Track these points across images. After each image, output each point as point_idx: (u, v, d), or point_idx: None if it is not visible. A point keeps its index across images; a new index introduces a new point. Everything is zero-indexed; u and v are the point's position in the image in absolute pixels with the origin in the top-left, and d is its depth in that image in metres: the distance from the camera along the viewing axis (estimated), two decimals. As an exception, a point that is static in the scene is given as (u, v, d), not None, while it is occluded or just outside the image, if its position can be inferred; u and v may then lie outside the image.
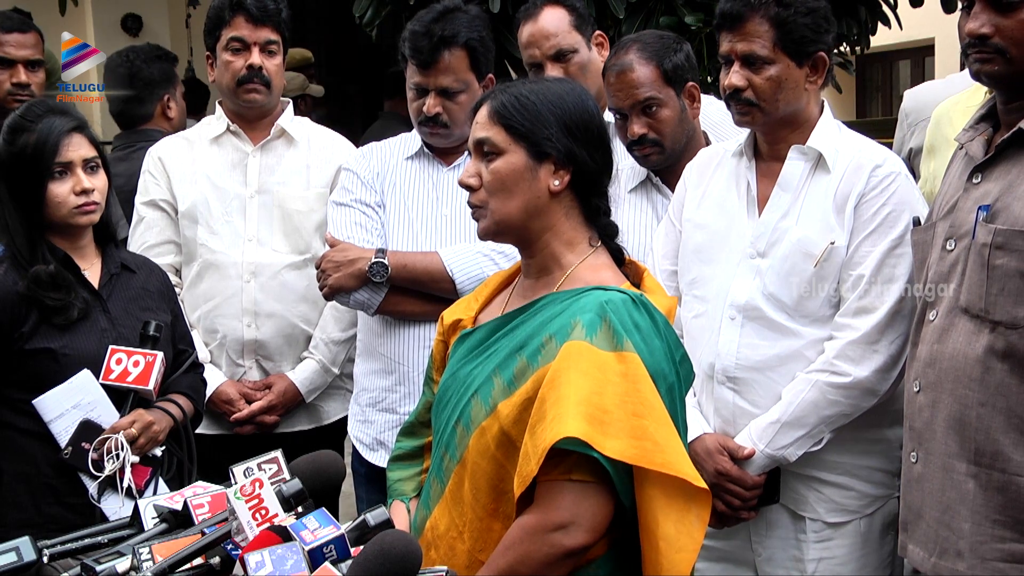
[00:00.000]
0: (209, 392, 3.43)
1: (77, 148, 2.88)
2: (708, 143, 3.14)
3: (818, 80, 2.70)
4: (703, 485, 2.05)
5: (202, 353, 3.47)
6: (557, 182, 2.17)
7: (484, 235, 2.23)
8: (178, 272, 3.56)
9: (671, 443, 2.04)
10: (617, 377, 2.02)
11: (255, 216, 3.51)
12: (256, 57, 3.44)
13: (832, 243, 2.65)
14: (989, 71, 2.30)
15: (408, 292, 3.08)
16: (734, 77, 2.66)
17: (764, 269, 2.70)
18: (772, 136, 2.75)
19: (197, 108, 7.70)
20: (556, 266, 2.21)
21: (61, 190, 2.87)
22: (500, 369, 2.13)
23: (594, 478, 2.02)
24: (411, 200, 3.18)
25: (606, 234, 2.25)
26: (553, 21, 3.36)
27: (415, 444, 2.40)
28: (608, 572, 2.11)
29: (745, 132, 2.84)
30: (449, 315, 2.37)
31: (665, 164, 3.06)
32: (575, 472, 2.01)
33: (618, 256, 2.26)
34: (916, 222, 2.52)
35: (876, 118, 13.36)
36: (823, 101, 2.80)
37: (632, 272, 2.27)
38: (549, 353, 2.07)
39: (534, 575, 2.02)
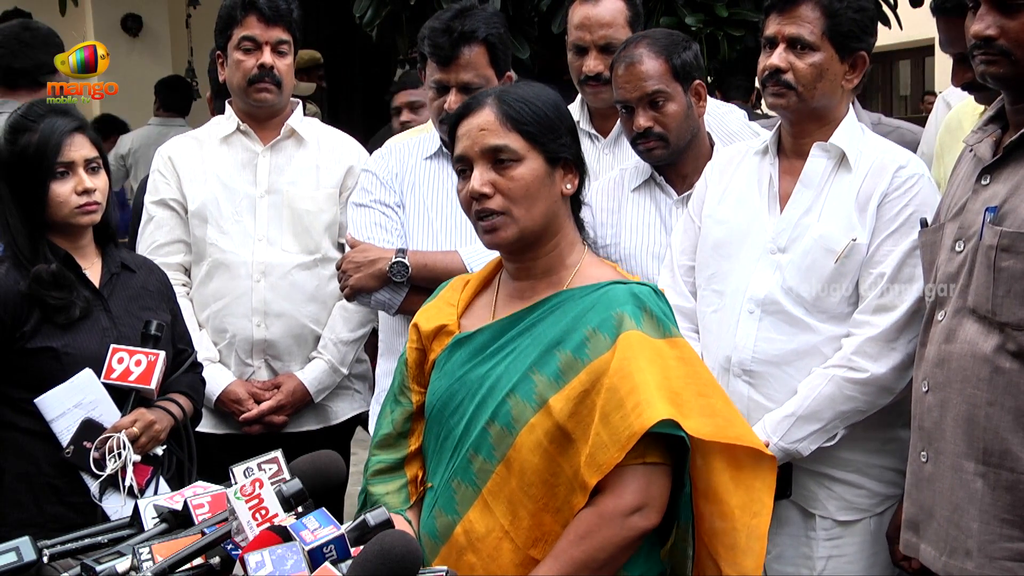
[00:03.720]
0: (218, 391, 3.45)
1: (79, 148, 2.89)
2: (712, 145, 3.15)
3: (854, 80, 2.74)
4: (770, 453, 2.19)
5: (211, 352, 3.49)
6: (569, 186, 2.23)
7: (503, 243, 2.21)
8: (187, 271, 3.56)
9: (737, 417, 2.18)
10: (675, 362, 2.12)
11: (265, 216, 3.51)
12: (267, 57, 3.45)
13: (853, 240, 2.66)
14: (994, 72, 2.30)
15: (429, 292, 3.08)
16: (776, 58, 2.69)
17: (784, 264, 2.72)
18: (799, 129, 2.77)
19: (179, 106, 7.71)
20: (561, 266, 2.25)
21: (63, 190, 2.87)
22: (537, 366, 2.15)
23: (663, 459, 2.11)
24: (430, 200, 3.18)
25: (582, 229, 2.33)
26: (610, 10, 3.34)
27: (396, 457, 2.37)
28: (646, 553, 2.18)
29: (767, 133, 2.85)
30: (426, 322, 2.36)
31: (668, 160, 3.06)
32: (649, 455, 2.09)
33: None
34: (924, 223, 2.53)
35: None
36: (851, 106, 2.82)
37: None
38: (598, 346, 2.12)
39: (610, 560, 2.10)
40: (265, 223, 3.51)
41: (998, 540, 2.25)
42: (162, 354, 2.91)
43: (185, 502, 1.85)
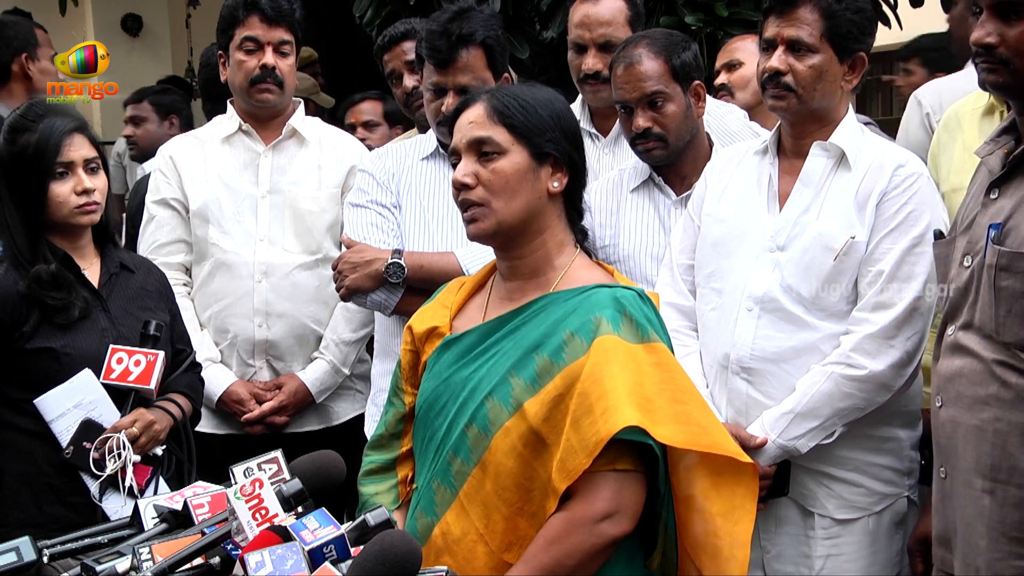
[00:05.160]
0: (220, 392, 3.46)
1: (78, 148, 2.89)
2: (711, 145, 3.15)
3: (853, 80, 2.75)
4: (748, 460, 2.14)
5: (212, 353, 3.48)
6: (556, 183, 2.21)
7: (481, 235, 2.23)
8: (188, 271, 3.56)
9: (714, 424, 2.15)
10: (651, 367, 2.10)
11: (266, 216, 3.51)
12: (269, 57, 3.45)
13: (852, 238, 2.67)
14: (994, 81, 2.28)
15: (425, 292, 3.06)
16: (776, 61, 2.70)
17: (783, 262, 2.72)
18: (799, 130, 2.77)
19: (177, 106, 7.71)
20: (549, 267, 2.24)
21: (62, 190, 2.87)
22: (516, 369, 2.15)
23: (635, 466, 2.09)
24: (427, 200, 3.18)
25: (583, 236, 2.30)
26: (611, 9, 3.35)
27: (387, 457, 2.39)
28: (626, 560, 2.16)
29: (767, 133, 2.85)
30: (419, 324, 2.37)
31: (666, 161, 3.06)
32: (619, 461, 2.07)
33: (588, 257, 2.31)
34: (939, 235, 2.51)
35: (876, 118, 13.33)
36: (850, 105, 2.83)
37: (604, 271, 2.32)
38: (575, 350, 2.10)
39: (579, 567, 2.07)
40: (267, 223, 3.51)
41: (1006, 558, 2.23)
42: (161, 354, 2.91)
43: (185, 502, 1.85)
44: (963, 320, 2.32)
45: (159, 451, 2.92)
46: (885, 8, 5.49)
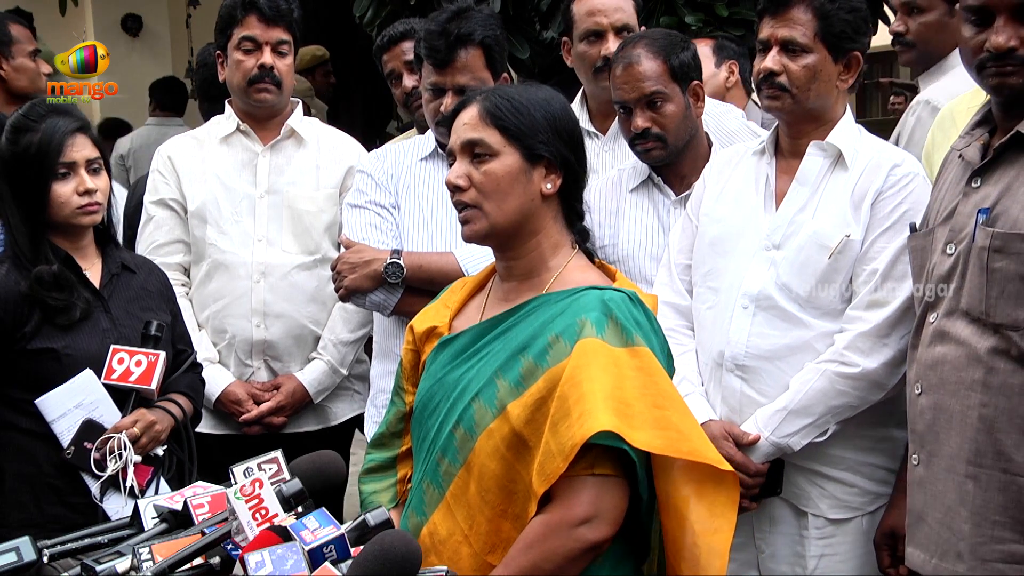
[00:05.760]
0: (218, 392, 3.45)
1: (81, 149, 2.89)
2: (710, 145, 3.15)
3: (849, 80, 2.75)
4: (729, 468, 2.11)
5: (210, 353, 3.49)
6: (549, 185, 2.20)
7: (474, 237, 2.23)
8: (187, 271, 3.57)
9: (694, 431, 2.11)
10: (632, 371, 2.07)
11: (265, 216, 3.52)
12: (267, 57, 3.45)
13: (847, 236, 2.68)
14: (1015, 84, 2.26)
15: (424, 292, 3.07)
16: (770, 61, 2.71)
17: (779, 260, 2.73)
18: (795, 130, 2.78)
19: (174, 106, 7.73)
20: (543, 268, 2.23)
21: (64, 190, 2.87)
22: (502, 371, 2.14)
23: (615, 471, 2.07)
24: (426, 201, 3.19)
25: (582, 237, 2.29)
26: None
27: (387, 456, 2.39)
28: (612, 565, 2.15)
29: (765, 133, 2.85)
30: (419, 323, 2.37)
31: (666, 161, 3.07)
32: (598, 466, 2.05)
33: (590, 259, 2.30)
34: (913, 228, 2.53)
35: (876, 118, 13.36)
36: (847, 105, 2.83)
37: (605, 273, 2.30)
38: (559, 352, 2.09)
39: (557, 571, 2.06)
40: (265, 223, 3.51)
41: (989, 542, 2.24)
42: (162, 354, 2.91)
43: (185, 502, 1.86)
44: (947, 307, 2.33)
45: (160, 451, 2.93)
46: (886, 8, 5.49)
